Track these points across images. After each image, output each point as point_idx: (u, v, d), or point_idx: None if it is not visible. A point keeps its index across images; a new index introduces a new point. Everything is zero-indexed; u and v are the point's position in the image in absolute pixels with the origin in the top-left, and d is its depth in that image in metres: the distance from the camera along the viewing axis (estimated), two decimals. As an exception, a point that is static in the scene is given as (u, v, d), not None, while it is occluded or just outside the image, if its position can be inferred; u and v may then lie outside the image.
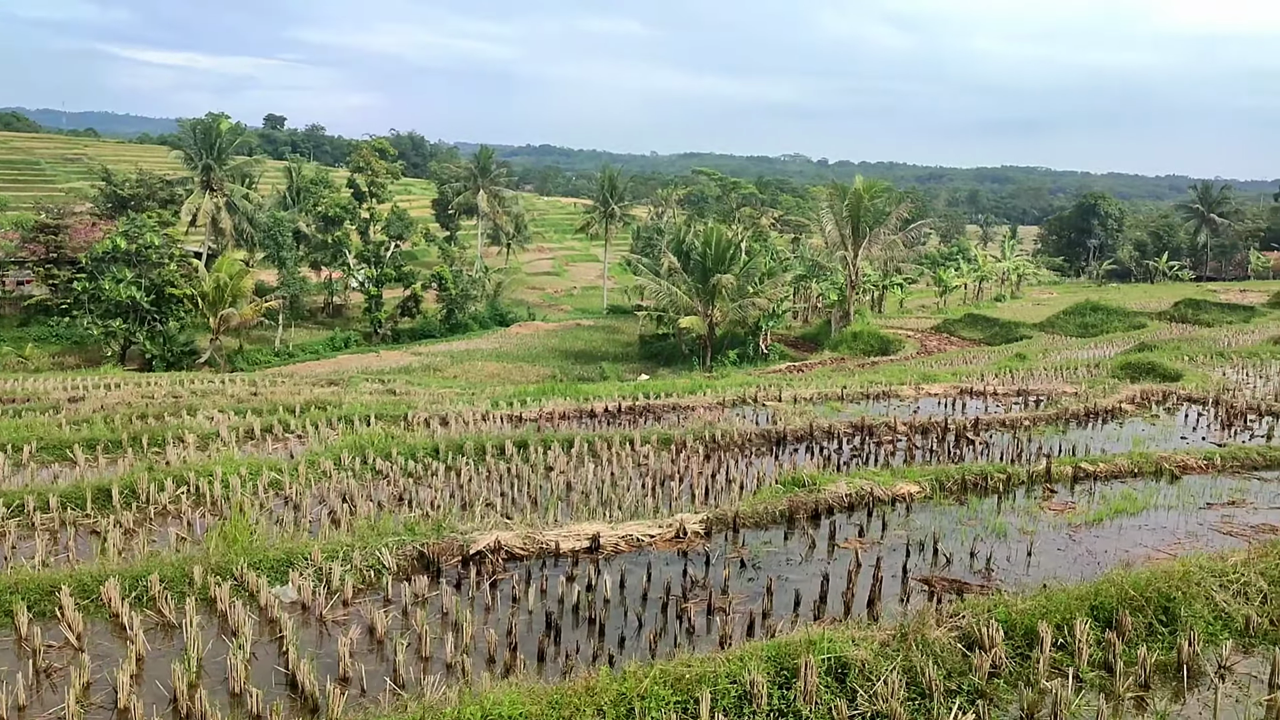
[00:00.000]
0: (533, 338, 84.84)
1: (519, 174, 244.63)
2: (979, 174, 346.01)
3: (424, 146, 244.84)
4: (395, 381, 43.84)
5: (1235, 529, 12.10)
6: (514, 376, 65.11)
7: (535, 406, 22.80)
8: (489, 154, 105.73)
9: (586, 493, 14.18)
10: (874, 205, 64.66)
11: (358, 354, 75.99)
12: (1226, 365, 29.52)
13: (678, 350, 69.51)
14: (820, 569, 10.24)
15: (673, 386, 29.56)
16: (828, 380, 32.47)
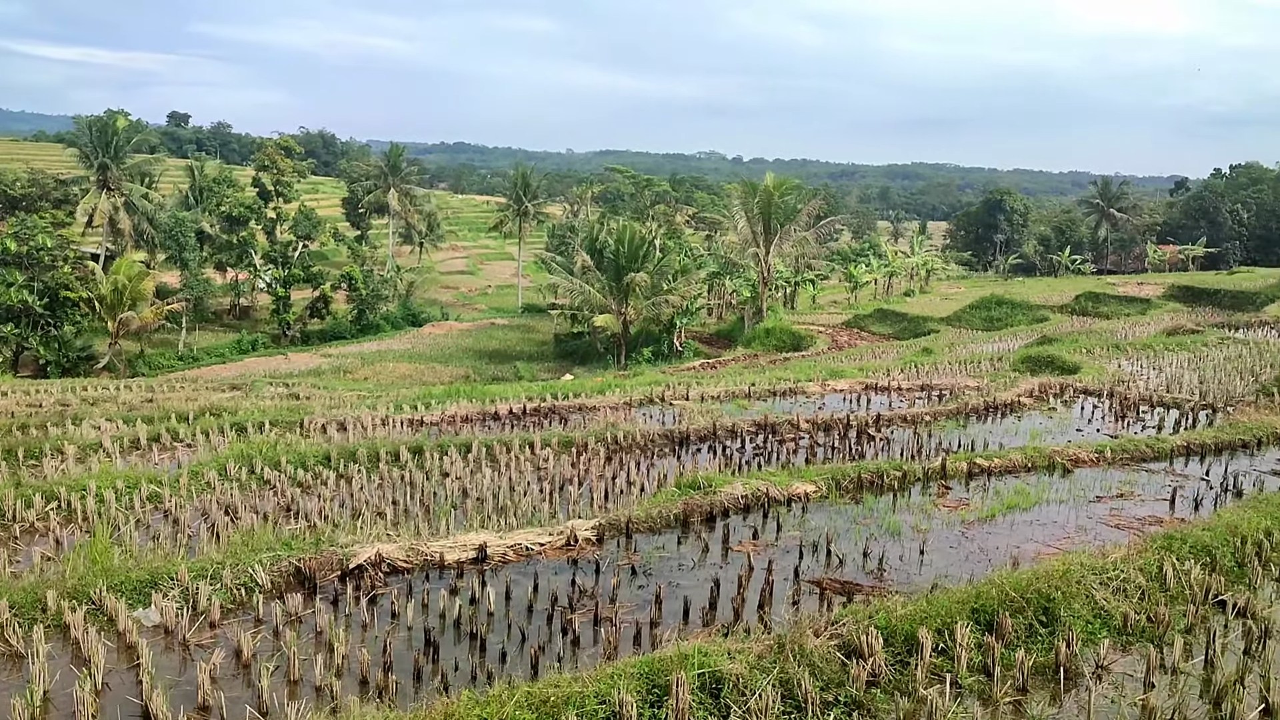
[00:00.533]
0: (446, 338, 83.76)
1: (433, 172, 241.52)
2: (890, 171, 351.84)
3: (334, 144, 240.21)
4: (300, 385, 42.83)
5: (1123, 521, 12.26)
6: (426, 378, 64.16)
7: (439, 409, 22.34)
8: (399, 151, 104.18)
9: (482, 499, 13.84)
10: (784, 202, 65.11)
11: (265, 357, 74.19)
12: (1122, 357, 30.23)
13: (593, 349, 69.22)
14: (713, 574, 10.07)
15: (581, 386, 29.30)
16: (737, 378, 32.51)
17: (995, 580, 7.76)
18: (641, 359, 64.00)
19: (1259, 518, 9.92)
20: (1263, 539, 9.42)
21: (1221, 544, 9.15)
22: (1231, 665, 7.12)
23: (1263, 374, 25.85)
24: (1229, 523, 9.63)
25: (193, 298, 73.36)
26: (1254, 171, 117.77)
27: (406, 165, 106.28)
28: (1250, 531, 9.51)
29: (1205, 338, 33.23)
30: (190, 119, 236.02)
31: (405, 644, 8.45)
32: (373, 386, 43.73)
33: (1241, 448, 16.19)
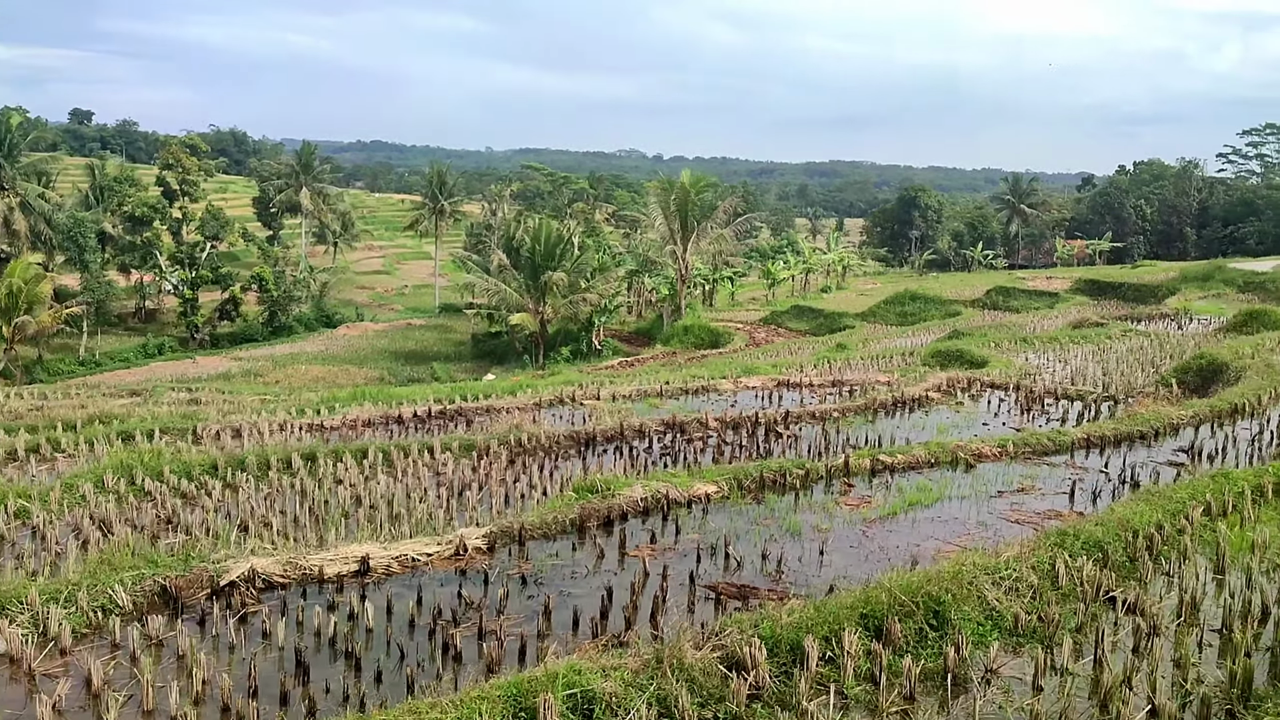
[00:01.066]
0: (361, 339, 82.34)
1: (349, 171, 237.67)
2: (809, 169, 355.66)
3: (246, 143, 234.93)
4: (204, 390, 41.55)
5: (1023, 516, 12.23)
6: (340, 380, 62.90)
7: (340, 414, 21.68)
8: (311, 150, 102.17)
9: (375, 508, 13.33)
10: (701, 199, 65.23)
11: (172, 361, 72.16)
12: (1030, 351, 30.66)
13: (511, 348, 68.56)
14: (607, 581, 9.74)
15: (493, 387, 28.80)
16: (653, 376, 32.30)
17: (885, 584, 7.55)
18: (560, 358, 63.56)
19: (1150, 511, 9.90)
20: (1154, 533, 9.39)
21: (1113, 539, 9.09)
22: (1120, 665, 7.00)
23: (1163, 365, 26.37)
24: (1121, 517, 9.59)
25: (94, 301, 70.91)
26: (1156, 168, 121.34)
27: (319, 164, 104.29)
28: (1141, 525, 9.48)
29: (1109, 330, 33.91)
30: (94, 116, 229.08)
31: (275, 666, 7.97)
32: (279, 391, 42.59)
33: (1140, 439, 16.35)
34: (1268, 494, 11.08)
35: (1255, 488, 11.07)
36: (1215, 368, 22.80)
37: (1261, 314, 31.55)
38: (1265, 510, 10.78)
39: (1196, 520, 9.98)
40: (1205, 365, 23.13)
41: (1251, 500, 10.84)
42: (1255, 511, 10.62)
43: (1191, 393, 22.31)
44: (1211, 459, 15.19)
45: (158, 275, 79.00)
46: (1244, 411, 18.19)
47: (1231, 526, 10.00)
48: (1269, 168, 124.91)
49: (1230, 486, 10.92)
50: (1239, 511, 10.47)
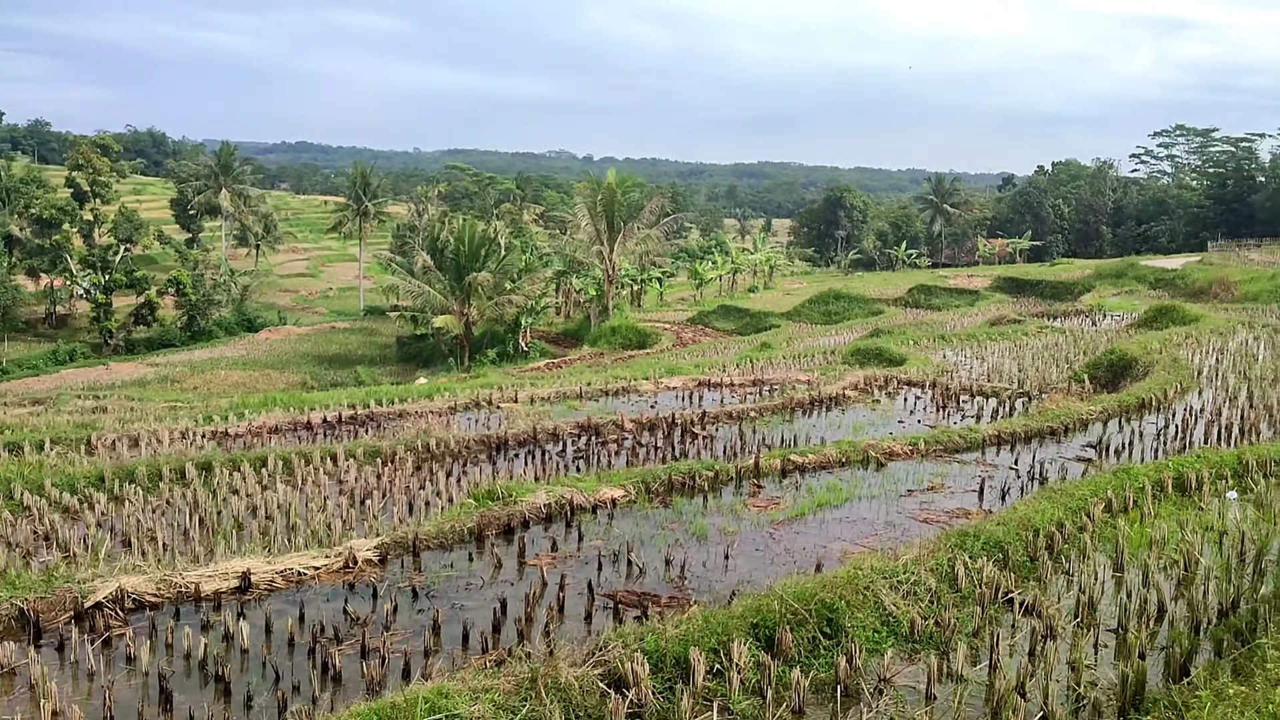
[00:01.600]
0: (284, 343, 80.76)
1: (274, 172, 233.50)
2: (737, 169, 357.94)
3: (165, 143, 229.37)
4: (112, 397, 40.26)
5: (931, 515, 12.12)
6: (260, 385, 61.57)
7: (246, 420, 20.98)
8: (231, 150, 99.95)
9: (271, 518, 12.80)
10: (627, 200, 64.95)
11: (85, 368, 69.94)
12: (948, 348, 30.90)
13: (437, 351, 67.67)
14: (502, 593, 9.39)
15: (409, 391, 28.19)
16: (577, 377, 31.96)
17: (777, 591, 7.30)
18: (486, 360, 62.85)
19: (1052, 509, 9.82)
20: (1054, 531, 9.30)
21: (1014, 539, 8.97)
22: (1015, 669, 6.83)
23: (1076, 361, 26.68)
24: (1022, 516, 9.49)
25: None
26: (1073, 168, 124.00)
27: (239, 164, 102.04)
28: (1042, 524, 9.39)
29: (1025, 327, 34.34)
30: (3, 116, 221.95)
31: (137, 693, 7.47)
32: (192, 397, 41.38)
33: (1050, 435, 16.43)
34: (1167, 489, 11.09)
35: (1155, 483, 11.08)
36: (1125, 363, 23.11)
37: (1170, 310, 32.20)
38: (1165, 505, 10.78)
39: (1098, 517, 9.93)
40: (1116, 361, 23.44)
41: (1152, 496, 10.84)
42: (1155, 507, 10.63)
43: (1103, 388, 22.59)
44: (1119, 454, 15.29)
45: (68, 279, 76.54)
46: (1151, 406, 18.40)
47: (1132, 523, 9.97)
48: (1179, 168, 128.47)
49: (1131, 482, 10.90)
50: (1139, 507, 10.45)
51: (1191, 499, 11.00)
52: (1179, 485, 11.26)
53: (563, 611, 9.11)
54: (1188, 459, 11.90)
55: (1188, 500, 11.01)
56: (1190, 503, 10.93)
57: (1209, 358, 24.24)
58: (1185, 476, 11.26)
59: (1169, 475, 11.22)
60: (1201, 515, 10.27)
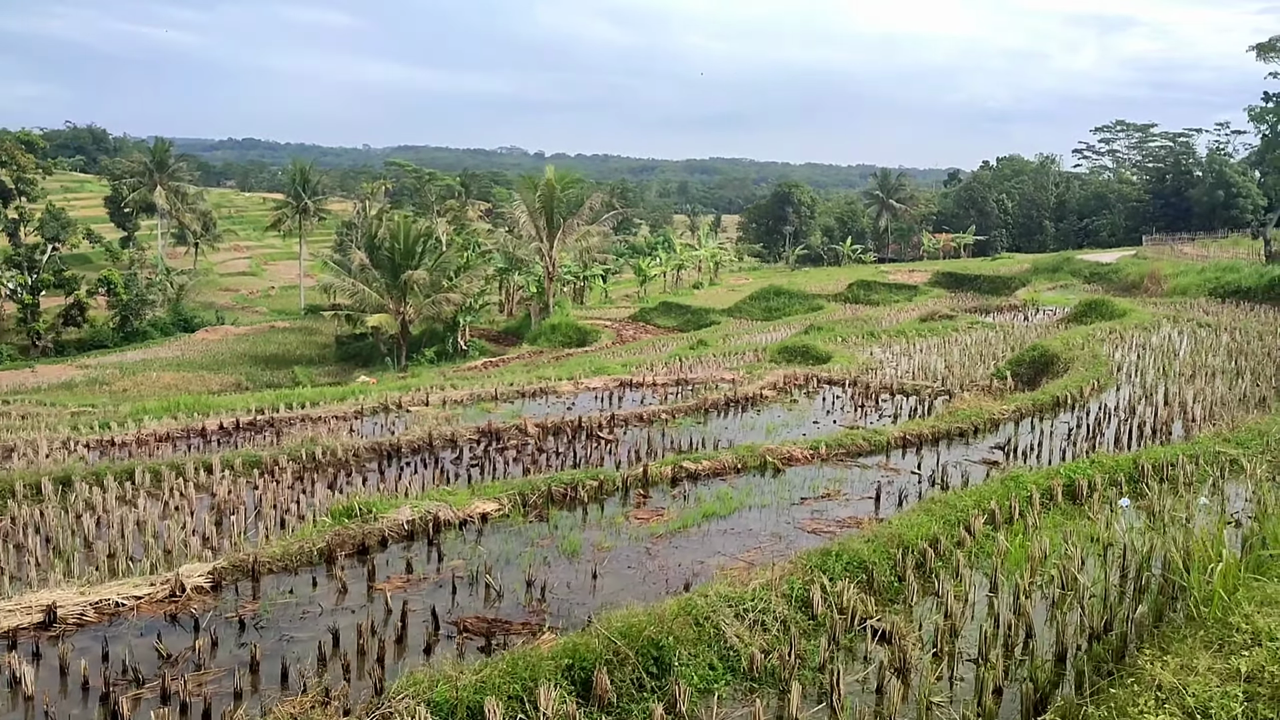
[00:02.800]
0: (220, 343, 78.95)
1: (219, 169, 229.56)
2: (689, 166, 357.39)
3: (106, 140, 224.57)
4: (22, 402, 38.86)
5: (821, 525, 11.54)
6: (193, 387, 60.01)
7: (135, 428, 19.99)
8: (165, 147, 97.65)
9: (125, 537, 11.92)
10: (567, 196, 64.10)
11: (9, 370, 67.86)
12: (876, 345, 30.50)
13: (376, 350, 66.41)
14: (341, 622, 8.66)
15: (321, 394, 27.25)
16: (499, 378, 31.19)
17: (599, 628, 6.63)
18: (424, 360, 61.76)
19: (929, 522, 9.25)
20: (927, 549, 8.72)
21: (881, 557, 8.38)
22: (857, 710, 6.22)
23: (1003, 357, 26.36)
24: (893, 531, 8.90)
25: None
26: (1016, 164, 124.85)
27: (175, 161, 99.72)
28: (915, 540, 8.81)
29: (957, 323, 34.06)
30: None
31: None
32: (107, 401, 40.01)
33: (959, 436, 15.95)
34: (1057, 496, 10.57)
35: (1045, 491, 10.55)
36: (1047, 359, 22.78)
37: (1100, 304, 32.03)
38: (1053, 515, 10.26)
39: (978, 531, 9.37)
40: (1038, 357, 23.11)
41: (1040, 505, 10.32)
42: (1042, 518, 10.10)
43: (1025, 385, 22.25)
44: (1026, 456, 14.84)
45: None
46: (1066, 404, 18.02)
47: (1015, 536, 9.42)
48: (1120, 163, 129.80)
49: (1019, 491, 10.36)
50: (1025, 519, 9.90)
51: (1082, 508, 10.49)
52: (1070, 493, 10.74)
53: (402, 643, 8.41)
54: (1081, 464, 11.39)
55: (1078, 509, 10.50)
56: (1080, 512, 10.42)
57: (1131, 353, 24.00)
58: (1076, 484, 10.74)
59: (1059, 483, 10.69)
60: (1089, 526, 9.75)
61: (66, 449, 18.34)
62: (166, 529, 12.28)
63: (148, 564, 11.21)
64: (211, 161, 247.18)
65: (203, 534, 12.28)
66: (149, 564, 11.20)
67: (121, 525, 12.46)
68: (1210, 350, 24.04)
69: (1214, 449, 12.00)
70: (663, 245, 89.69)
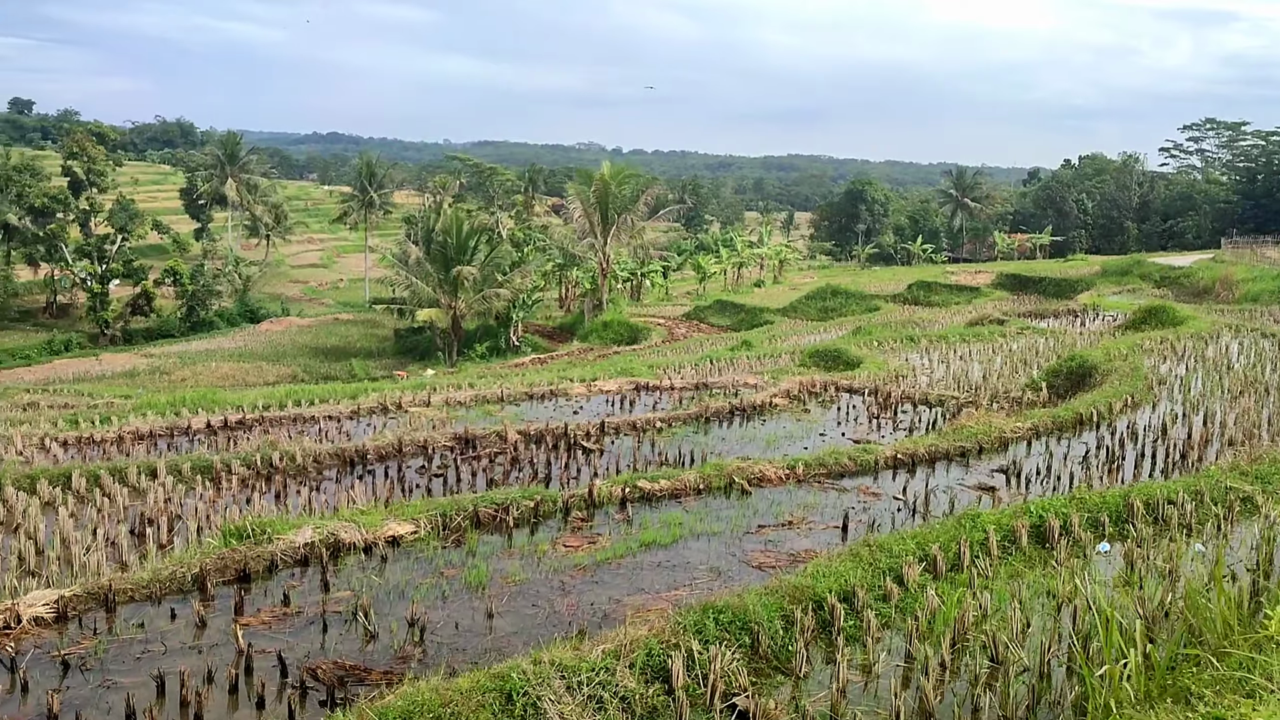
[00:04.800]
0: (283, 335, 79.68)
1: (302, 163, 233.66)
2: (766, 162, 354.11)
3: (193, 134, 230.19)
4: (66, 392, 39.08)
5: (771, 559, 10.32)
6: (250, 378, 60.63)
7: (119, 425, 19.48)
8: (235, 139, 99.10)
9: (22, 554, 11.18)
10: (622, 192, 63.11)
11: (78, 358, 69.25)
12: (913, 350, 28.91)
13: (433, 344, 66.32)
14: (182, 664, 7.71)
15: (331, 391, 26.64)
16: (523, 377, 30.44)
17: (368, 709, 5.55)
18: (475, 355, 61.43)
19: (853, 570, 7.95)
20: (836, 605, 7.44)
21: (772, 615, 7.13)
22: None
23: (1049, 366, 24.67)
24: (800, 583, 7.64)
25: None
26: (1098, 162, 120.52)
27: (246, 154, 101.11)
28: (826, 591, 7.54)
29: (1006, 328, 32.24)
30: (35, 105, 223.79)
31: None
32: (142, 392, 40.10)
33: (959, 456, 14.51)
34: (1020, 540, 9.17)
35: (1006, 532, 9.16)
36: (1084, 370, 21.08)
37: (1159, 310, 29.96)
38: (1012, 563, 8.88)
39: (912, 581, 8.05)
40: (1075, 368, 21.42)
41: (999, 549, 8.94)
42: (997, 566, 8.72)
43: (1059, 397, 20.61)
44: (1030, 481, 13.39)
45: (64, 269, 75.90)
46: (1089, 422, 16.42)
47: (957, 588, 8.09)
48: (1209, 162, 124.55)
49: (973, 532, 9.00)
50: (974, 567, 8.54)
51: (1051, 554, 9.09)
52: (1038, 535, 9.34)
53: (235, 693, 7.44)
54: (1057, 501, 9.94)
55: (1046, 555, 9.11)
56: (1047, 557, 9.03)
57: (1179, 365, 22.15)
58: (1047, 524, 9.32)
59: (1025, 523, 9.27)
60: (1051, 578, 8.37)
61: (39, 447, 17.87)
62: (78, 541, 11.53)
63: (33, 583, 10.46)
64: (295, 155, 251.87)
65: (108, 550, 11.49)
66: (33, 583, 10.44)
67: (33, 537, 11.76)
68: (1272, 364, 22.09)
69: (1224, 484, 10.46)
70: (723, 242, 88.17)
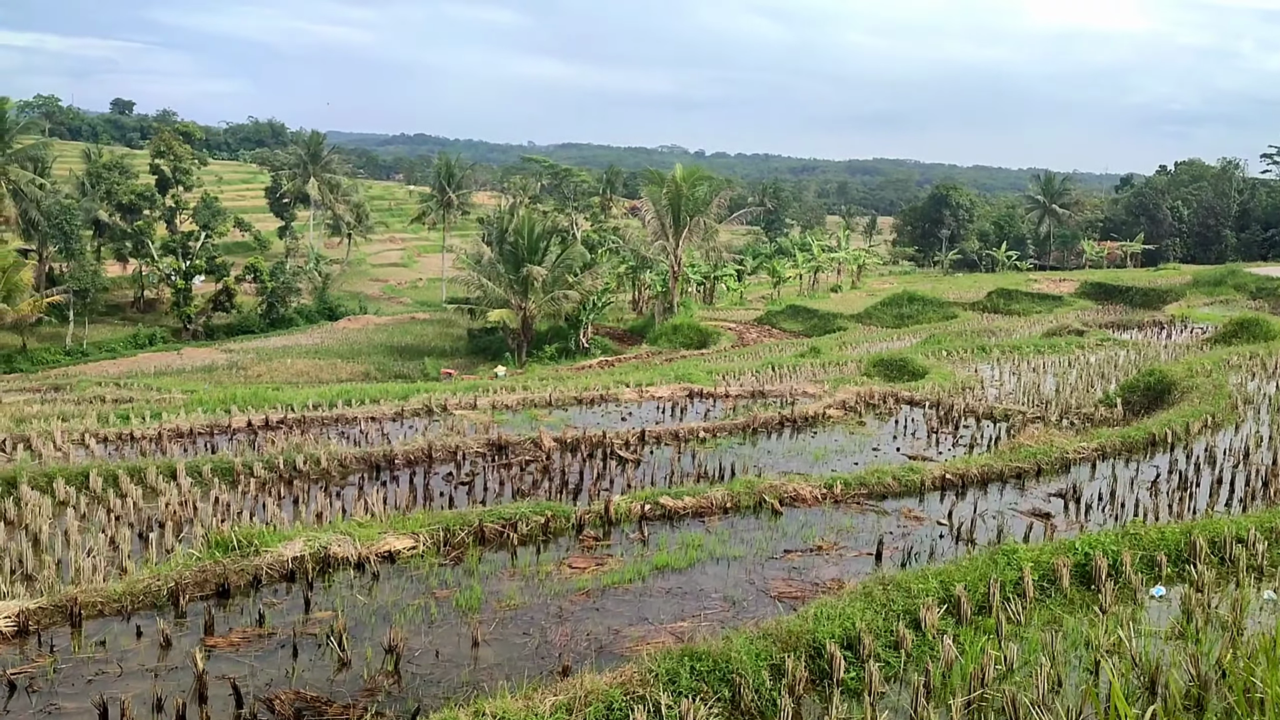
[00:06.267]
0: (360, 332, 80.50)
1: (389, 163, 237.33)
2: (851, 166, 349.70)
3: (284, 134, 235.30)
4: (135, 386, 39.65)
5: (795, 588, 9.51)
6: (324, 375, 61.14)
7: (159, 423, 19.35)
8: (319, 140, 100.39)
9: (22, 557, 10.86)
10: (695, 194, 62.25)
11: (160, 352, 70.77)
12: (984, 361, 27.64)
13: (504, 344, 66.26)
14: (135, 688, 7.22)
15: (384, 391, 26.38)
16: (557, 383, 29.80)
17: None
18: (544, 356, 61.14)
19: (863, 611, 7.10)
20: (836, 653, 6.59)
21: (758, 664, 6.33)
22: None
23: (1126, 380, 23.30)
24: (799, 627, 6.81)
25: (78, 289, 69.48)
26: (1196, 169, 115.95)
27: (328, 153, 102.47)
28: (827, 636, 6.70)
29: (1085, 339, 30.72)
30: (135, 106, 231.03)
31: None
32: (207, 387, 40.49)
33: (1014, 478, 13.47)
34: (1061, 580, 8.19)
35: (1045, 572, 8.20)
36: (1163, 386, 19.73)
37: (1252, 323, 28.17)
38: (1049, 607, 7.91)
39: (931, 625, 7.17)
40: (1154, 384, 20.08)
41: (1035, 591, 7.99)
42: (1031, 611, 7.77)
43: (1135, 414, 19.33)
44: (1091, 507, 12.31)
45: (150, 264, 77.66)
46: (1163, 443, 15.20)
47: (984, 634, 7.18)
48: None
49: (1006, 570, 8.05)
50: (1005, 611, 7.60)
51: (1096, 596, 8.10)
52: (1083, 576, 8.35)
53: None
54: (1106, 537, 8.91)
55: (1091, 597, 8.12)
56: (1091, 601, 8.04)
57: (1269, 384, 20.64)
58: (1094, 563, 8.33)
59: (1067, 561, 8.29)
60: (1093, 627, 7.40)
61: (78, 443, 17.77)
62: (79, 544, 11.19)
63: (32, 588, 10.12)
64: (382, 156, 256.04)
65: (112, 554, 11.12)
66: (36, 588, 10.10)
67: (37, 538, 11.47)
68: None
69: (1304, 522, 9.34)
70: (801, 247, 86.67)
